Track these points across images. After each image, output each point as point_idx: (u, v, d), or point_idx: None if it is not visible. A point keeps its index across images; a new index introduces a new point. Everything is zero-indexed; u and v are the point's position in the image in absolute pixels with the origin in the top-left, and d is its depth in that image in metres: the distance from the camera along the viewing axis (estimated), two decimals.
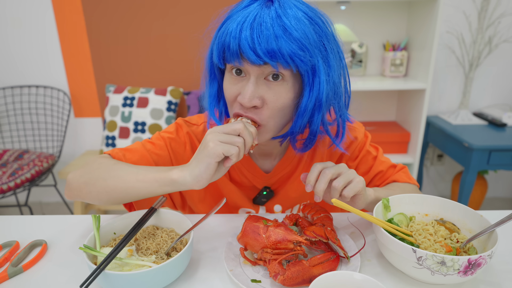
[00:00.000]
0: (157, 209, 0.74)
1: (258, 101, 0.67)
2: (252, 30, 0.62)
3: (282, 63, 0.63)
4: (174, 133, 0.87)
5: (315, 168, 0.70)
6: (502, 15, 2.18)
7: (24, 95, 2.40)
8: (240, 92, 0.68)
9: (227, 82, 0.71)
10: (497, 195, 2.68)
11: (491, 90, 2.38)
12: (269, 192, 0.89)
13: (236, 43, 0.63)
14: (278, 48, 0.62)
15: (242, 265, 0.67)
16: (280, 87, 0.67)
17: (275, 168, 0.87)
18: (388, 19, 2.26)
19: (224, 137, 0.63)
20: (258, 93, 0.67)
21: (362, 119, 2.49)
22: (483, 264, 0.57)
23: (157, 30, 2.29)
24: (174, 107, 2.24)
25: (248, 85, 0.66)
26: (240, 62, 0.65)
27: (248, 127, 0.64)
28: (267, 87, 0.67)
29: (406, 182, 0.90)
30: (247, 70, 0.67)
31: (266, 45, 0.62)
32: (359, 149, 0.91)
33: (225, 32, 0.65)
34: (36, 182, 2.14)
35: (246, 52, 0.62)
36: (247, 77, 0.68)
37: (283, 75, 0.66)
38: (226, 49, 0.65)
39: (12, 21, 2.26)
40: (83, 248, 0.60)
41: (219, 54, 0.67)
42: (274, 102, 0.68)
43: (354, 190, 0.68)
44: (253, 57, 0.62)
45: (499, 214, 0.82)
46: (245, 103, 0.66)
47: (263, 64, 0.64)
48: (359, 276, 0.54)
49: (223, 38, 0.65)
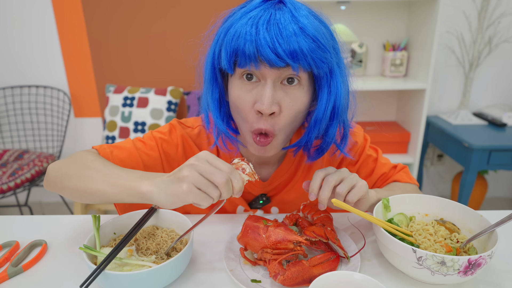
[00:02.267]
0: (157, 209, 0.74)
1: (276, 107, 0.64)
2: (269, 31, 0.59)
3: (303, 64, 0.60)
4: (167, 134, 0.83)
5: (317, 176, 0.68)
6: (502, 15, 2.18)
7: (24, 95, 2.40)
8: (256, 99, 0.64)
9: (239, 89, 0.66)
10: (497, 195, 2.68)
11: (491, 90, 2.38)
12: (265, 200, 0.88)
13: (253, 45, 0.59)
14: (299, 48, 0.59)
15: (242, 265, 0.67)
16: (297, 92, 0.65)
17: (273, 176, 0.85)
18: (388, 19, 2.26)
19: (201, 182, 0.55)
20: (276, 98, 0.64)
21: (362, 119, 2.49)
22: (483, 264, 0.57)
23: (157, 30, 2.29)
24: (174, 107, 2.24)
25: (266, 90, 0.63)
26: (256, 66, 0.61)
27: (237, 177, 0.57)
28: (283, 92, 0.65)
29: (407, 182, 0.89)
30: (263, 75, 0.63)
31: (288, 46, 0.58)
32: (359, 153, 0.90)
33: (236, 34, 0.61)
34: (36, 182, 2.14)
35: (266, 54, 0.58)
36: (262, 82, 0.64)
37: (299, 78, 0.64)
38: (240, 52, 0.61)
39: (12, 21, 2.26)
40: (83, 248, 0.60)
41: (229, 58, 0.63)
42: (290, 108, 0.65)
43: (358, 195, 0.67)
44: (274, 59, 0.58)
45: (499, 214, 0.82)
46: (265, 109, 0.62)
47: (284, 67, 0.60)
48: (359, 276, 0.54)
49: (235, 41, 0.61)
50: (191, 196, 0.55)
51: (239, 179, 0.57)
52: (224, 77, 0.72)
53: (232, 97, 0.68)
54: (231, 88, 0.68)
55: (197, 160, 0.56)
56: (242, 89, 0.66)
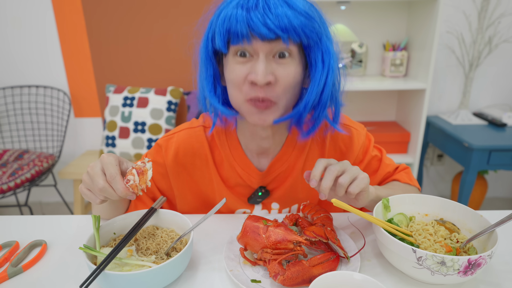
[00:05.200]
0: (157, 209, 0.74)
1: (271, 77, 0.67)
2: (258, 8, 0.63)
3: (292, 35, 0.64)
4: (154, 156, 0.89)
5: (319, 164, 0.69)
6: (502, 15, 2.18)
7: (24, 95, 2.40)
8: (249, 72, 0.68)
9: (232, 65, 0.69)
10: (497, 195, 2.68)
11: (491, 90, 2.38)
12: (264, 192, 0.87)
13: (245, 21, 0.63)
14: (288, 20, 0.63)
15: (242, 265, 0.67)
16: (289, 63, 0.68)
17: (270, 165, 0.85)
18: (388, 19, 2.26)
19: (89, 185, 0.65)
20: (269, 69, 0.67)
21: (362, 119, 2.49)
22: (483, 264, 0.57)
23: (157, 30, 2.29)
24: (174, 107, 2.24)
25: (258, 62, 0.66)
26: (249, 40, 0.65)
27: (117, 183, 0.63)
28: (276, 64, 0.68)
29: (407, 183, 0.89)
30: (255, 50, 0.66)
31: (277, 19, 0.63)
32: (363, 153, 0.90)
33: (227, 15, 0.65)
34: (36, 182, 2.14)
35: (258, 27, 0.63)
36: (255, 57, 0.67)
37: (290, 51, 0.67)
38: (233, 30, 0.65)
39: (12, 21, 2.26)
40: (83, 248, 0.60)
41: (223, 38, 0.67)
42: (286, 78, 0.68)
43: (359, 187, 0.68)
44: (265, 32, 0.63)
45: (499, 214, 0.82)
46: (260, 80, 0.66)
47: (274, 40, 0.64)
48: (359, 276, 0.54)
49: (227, 21, 0.65)
50: (84, 195, 0.67)
51: (119, 185, 0.62)
52: (219, 62, 0.75)
53: (226, 74, 0.72)
54: (226, 66, 0.72)
55: (95, 164, 0.65)
56: (236, 65, 0.69)
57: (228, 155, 0.86)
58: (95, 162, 0.66)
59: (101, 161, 0.65)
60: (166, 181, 0.89)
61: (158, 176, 0.88)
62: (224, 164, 0.87)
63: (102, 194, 0.64)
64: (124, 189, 0.62)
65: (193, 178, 0.88)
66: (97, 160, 0.66)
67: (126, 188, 0.63)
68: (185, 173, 0.88)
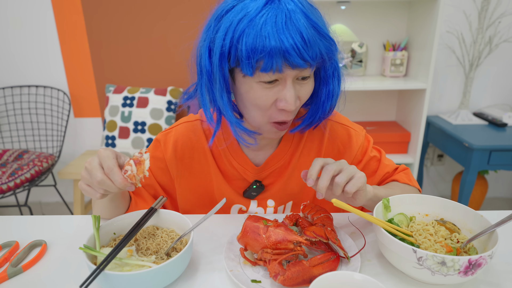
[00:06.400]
0: (157, 209, 0.74)
1: (299, 102, 0.70)
2: (289, 32, 0.60)
3: (319, 62, 0.67)
4: (153, 151, 0.89)
5: (316, 163, 0.69)
6: (502, 15, 2.18)
7: (24, 95, 2.40)
8: (278, 98, 0.68)
9: (258, 90, 0.67)
10: (498, 195, 2.68)
11: (491, 90, 2.38)
12: (259, 186, 0.87)
13: (281, 54, 0.61)
14: (319, 50, 0.64)
15: (242, 265, 0.67)
16: (308, 84, 0.71)
17: (266, 162, 0.86)
18: (388, 19, 2.26)
19: (88, 181, 0.65)
20: (296, 95, 0.69)
21: (362, 119, 2.49)
22: (483, 264, 0.57)
23: (157, 30, 2.29)
24: (174, 107, 2.24)
25: (287, 90, 0.67)
26: (281, 70, 0.63)
27: (115, 175, 0.62)
28: (299, 86, 0.70)
29: (406, 184, 0.89)
30: (284, 76, 0.66)
31: (311, 50, 0.63)
32: (361, 153, 0.90)
33: (257, 42, 0.61)
34: (36, 182, 2.13)
35: (294, 60, 0.62)
36: (281, 81, 0.67)
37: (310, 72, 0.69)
38: (266, 60, 0.62)
39: (12, 21, 2.26)
40: (83, 248, 0.60)
41: (252, 65, 0.63)
42: (306, 96, 0.72)
43: (356, 186, 0.68)
44: (301, 63, 0.63)
45: (499, 214, 0.82)
46: (291, 108, 0.68)
47: (306, 68, 0.65)
48: (359, 276, 0.54)
49: (259, 49, 0.61)
50: (84, 191, 0.67)
51: (117, 176, 0.63)
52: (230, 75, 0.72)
53: (249, 97, 0.70)
54: (245, 87, 0.69)
55: (92, 159, 0.65)
56: (262, 90, 0.68)
57: (224, 150, 0.86)
58: (93, 157, 0.66)
59: (98, 155, 0.65)
60: (167, 175, 0.89)
61: (159, 171, 0.89)
62: (221, 157, 0.87)
63: (101, 187, 0.64)
64: (122, 179, 0.62)
65: (192, 171, 0.89)
66: (94, 156, 0.66)
67: (125, 179, 0.63)
68: (184, 166, 0.88)
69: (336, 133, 0.88)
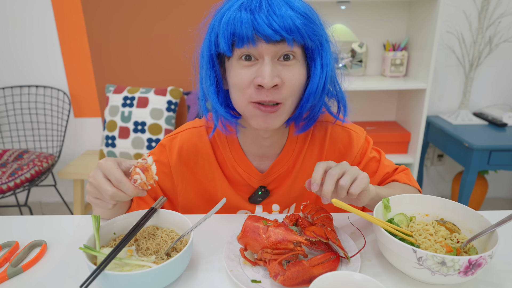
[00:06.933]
0: (157, 210, 0.74)
1: (278, 80, 0.68)
2: (262, 9, 0.64)
3: (296, 37, 0.65)
4: (158, 156, 0.89)
5: (319, 167, 0.69)
6: (502, 15, 2.18)
7: (24, 95, 2.40)
8: (255, 76, 0.68)
9: (237, 69, 0.69)
10: (498, 195, 2.68)
11: (491, 90, 2.38)
12: (264, 192, 0.88)
13: (250, 23, 0.63)
14: (292, 22, 0.64)
15: (242, 265, 0.67)
16: (294, 66, 0.69)
17: (270, 168, 0.87)
18: (388, 19, 2.26)
19: (96, 195, 0.65)
20: (275, 72, 0.68)
21: (362, 119, 2.49)
22: (483, 264, 0.57)
23: (157, 30, 2.29)
24: (174, 107, 2.23)
25: (264, 65, 0.67)
26: (254, 43, 0.65)
27: (125, 185, 0.63)
28: (282, 67, 0.69)
29: (406, 184, 0.89)
30: (260, 53, 0.67)
31: (281, 20, 0.63)
32: (361, 155, 0.90)
33: (231, 17, 0.65)
34: (36, 182, 2.13)
35: (263, 29, 0.63)
36: (260, 60, 0.68)
37: (294, 53, 0.68)
38: (238, 33, 0.65)
39: (12, 21, 2.26)
40: (83, 248, 0.60)
41: (227, 41, 0.66)
42: (292, 80, 0.69)
43: (360, 187, 0.68)
44: (270, 33, 0.63)
45: (499, 214, 0.82)
46: (267, 83, 0.66)
47: (279, 42, 0.65)
48: (359, 276, 0.54)
49: (231, 23, 0.65)
50: (94, 204, 0.67)
51: (128, 187, 0.63)
52: (221, 65, 0.75)
53: (231, 78, 0.71)
54: (229, 70, 0.72)
55: (95, 173, 0.64)
56: (241, 69, 0.69)
57: (229, 157, 0.87)
58: (95, 171, 0.65)
59: (100, 168, 0.64)
60: (170, 180, 0.90)
61: (162, 176, 0.89)
62: (226, 163, 0.88)
63: (113, 200, 0.64)
64: (133, 188, 0.63)
65: (197, 176, 0.89)
66: (95, 169, 0.65)
67: (135, 187, 0.63)
68: (189, 171, 0.89)
69: (337, 135, 0.89)
